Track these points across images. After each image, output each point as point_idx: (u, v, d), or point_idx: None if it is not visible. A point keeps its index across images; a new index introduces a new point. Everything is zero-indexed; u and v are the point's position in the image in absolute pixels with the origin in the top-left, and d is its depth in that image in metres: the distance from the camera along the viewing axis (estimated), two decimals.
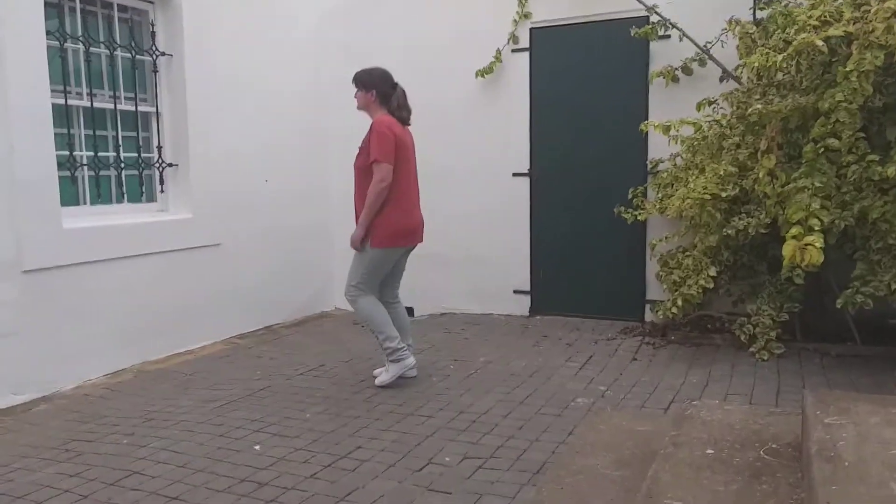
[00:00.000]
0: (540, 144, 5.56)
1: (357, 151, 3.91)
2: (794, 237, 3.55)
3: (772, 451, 2.17)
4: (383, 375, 3.99)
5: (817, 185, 3.62)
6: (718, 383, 3.93)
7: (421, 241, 4.07)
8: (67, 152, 4.28)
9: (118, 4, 4.59)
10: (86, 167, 4.44)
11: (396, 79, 3.95)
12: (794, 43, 3.63)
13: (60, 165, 4.15)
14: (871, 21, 3.39)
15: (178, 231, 4.86)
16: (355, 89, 3.95)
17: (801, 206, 3.58)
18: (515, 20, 5.44)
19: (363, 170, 3.84)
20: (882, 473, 1.65)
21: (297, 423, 3.49)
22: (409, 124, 3.98)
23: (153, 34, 4.79)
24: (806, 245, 3.48)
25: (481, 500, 2.64)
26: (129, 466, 3.02)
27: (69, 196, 4.31)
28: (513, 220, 5.68)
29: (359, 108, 3.98)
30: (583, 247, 5.49)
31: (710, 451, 2.18)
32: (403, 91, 3.96)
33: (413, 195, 3.98)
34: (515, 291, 5.76)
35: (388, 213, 3.82)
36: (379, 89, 3.88)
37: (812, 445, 1.84)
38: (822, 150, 3.65)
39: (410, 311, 6.11)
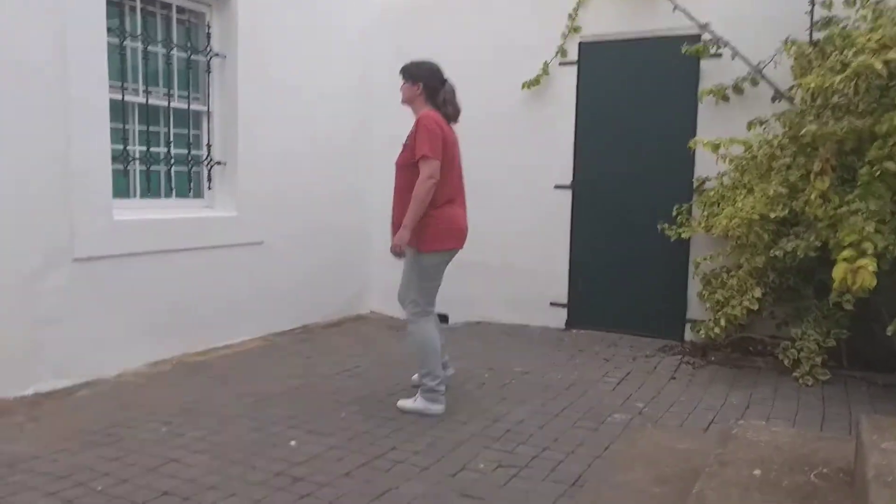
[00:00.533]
0: (584, 157, 5.53)
1: (400, 149, 3.68)
2: (845, 260, 3.46)
3: (822, 476, 2.11)
4: (409, 402, 3.72)
5: (872, 208, 3.53)
6: (760, 406, 3.85)
7: (463, 246, 3.82)
8: (121, 146, 4.38)
9: (177, 6, 4.71)
10: (138, 161, 4.55)
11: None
12: (853, 65, 3.56)
13: (114, 159, 4.25)
14: None
15: (223, 228, 4.94)
16: (402, 81, 3.75)
17: (854, 229, 3.50)
18: (564, 34, 5.44)
19: (405, 167, 3.60)
20: None
21: (332, 422, 3.51)
22: (454, 122, 3.75)
23: (209, 35, 4.91)
24: (858, 268, 3.39)
25: None
26: (168, 454, 3.07)
27: (120, 188, 4.41)
28: (553, 232, 5.65)
29: (403, 101, 3.76)
30: (623, 262, 5.43)
31: (757, 471, 2.13)
32: (453, 88, 3.75)
33: (460, 194, 3.77)
34: (552, 304, 5.72)
35: (437, 213, 3.58)
36: (427, 83, 3.68)
37: (869, 470, 1.78)
38: (879, 172, 3.56)
39: (445, 318, 6.11)
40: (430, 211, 3.56)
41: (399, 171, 3.68)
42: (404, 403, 3.73)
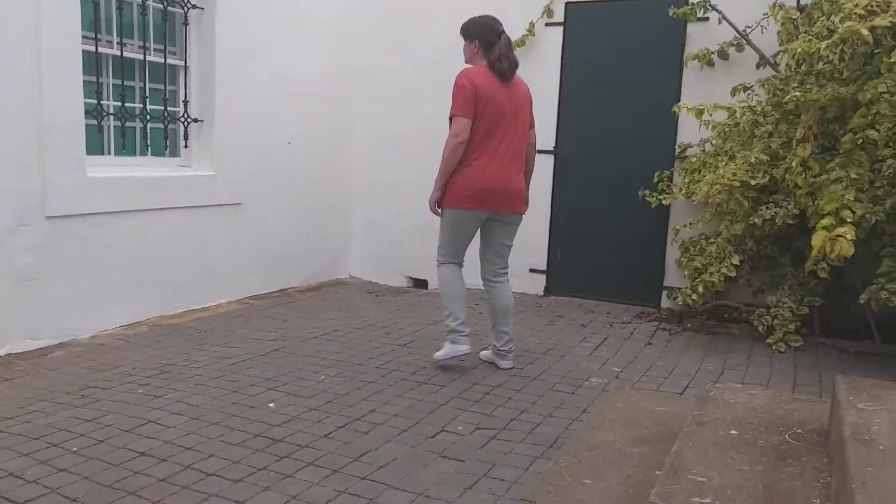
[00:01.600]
0: (567, 122, 5.49)
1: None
2: (824, 228, 3.49)
3: (797, 436, 2.15)
4: (439, 351, 3.79)
5: (853, 176, 3.55)
6: (734, 372, 3.91)
7: (510, 209, 3.73)
8: (95, 101, 4.26)
9: None
10: (112, 117, 4.42)
11: (420, 46, 3.73)
12: (839, 31, 3.55)
13: (87, 113, 4.13)
14: None
15: (200, 187, 4.85)
16: (463, 41, 3.68)
17: (834, 197, 3.52)
18: None
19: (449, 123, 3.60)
20: None
21: (310, 385, 3.50)
22: (509, 79, 3.59)
23: None
24: (837, 236, 3.42)
25: (494, 469, 2.64)
26: (145, 415, 3.04)
27: (95, 145, 4.29)
28: (533, 198, 5.53)
29: (466, 61, 3.69)
30: (603, 229, 5.44)
31: (734, 431, 2.16)
32: (509, 41, 3.60)
33: (496, 154, 3.58)
34: (531, 270, 5.72)
35: (460, 171, 3.55)
36: (482, 38, 3.57)
37: (845, 428, 1.81)
38: (861, 140, 3.58)
39: (425, 283, 6.11)
40: (458, 167, 3.57)
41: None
42: (437, 354, 3.77)
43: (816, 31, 3.85)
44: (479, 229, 3.79)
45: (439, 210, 3.71)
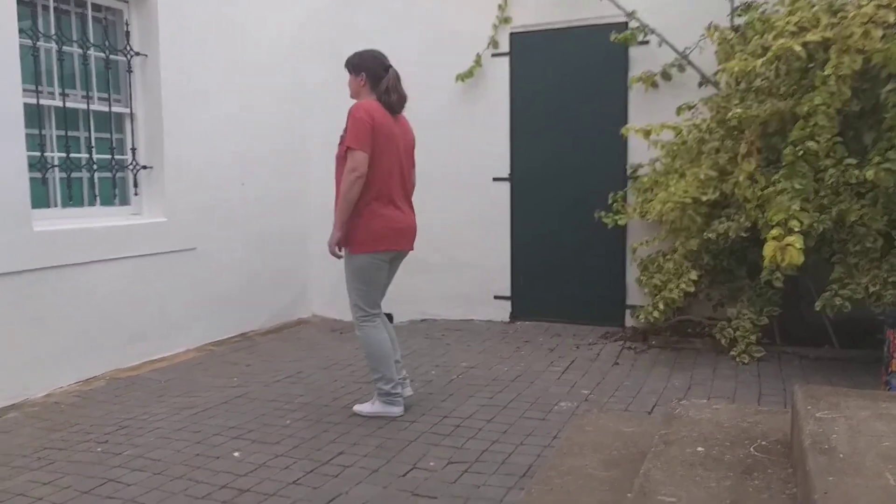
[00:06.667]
0: (520, 149, 5.56)
1: (338, 141, 3.46)
2: (774, 238, 3.57)
3: (762, 448, 2.17)
4: (366, 406, 3.60)
5: (797, 187, 3.66)
6: (701, 386, 3.94)
7: (411, 248, 3.62)
8: (38, 153, 4.17)
9: (92, 3, 4.51)
10: (57, 168, 4.33)
11: None
12: (773, 48, 3.68)
13: (31, 167, 4.05)
14: (848, 26, 3.44)
15: (153, 235, 4.76)
16: (348, 76, 3.54)
17: (781, 208, 3.61)
18: (495, 25, 5.45)
19: (340, 160, 3.38)
20: (877, 465, 1.65)
21: (276, 430, 3.42)
22: (398, 112, 3.50)
23: (128, 34, 4.71)
24: (786, 245, 3.50)
25: None
26: (104, 474, 2.93)
27: (40, 198, 4.20)
28: (493, 225, 5.66)
29: (351, 95, 3.53)
30: (563, 252, 5.49)
31: (700, 448, 2.17)
32: (397, 74, 3.48)
33: (397, 191, 3.46)
34: (496, 297, 5.73)
35: (367, 211, 3.36)
36: (369, 72, 3.44)
37: (805, 438, 1.83)
38: (801, 152, 3.69)
39: (390, 317, 6.05)
40: (359, 208, 3.36)
41: (337, 164, 3.45)
42: (361, 408, 3.62)
43: (751, 50, 3.99)
44: None
45: (341, 252, 3.48)
